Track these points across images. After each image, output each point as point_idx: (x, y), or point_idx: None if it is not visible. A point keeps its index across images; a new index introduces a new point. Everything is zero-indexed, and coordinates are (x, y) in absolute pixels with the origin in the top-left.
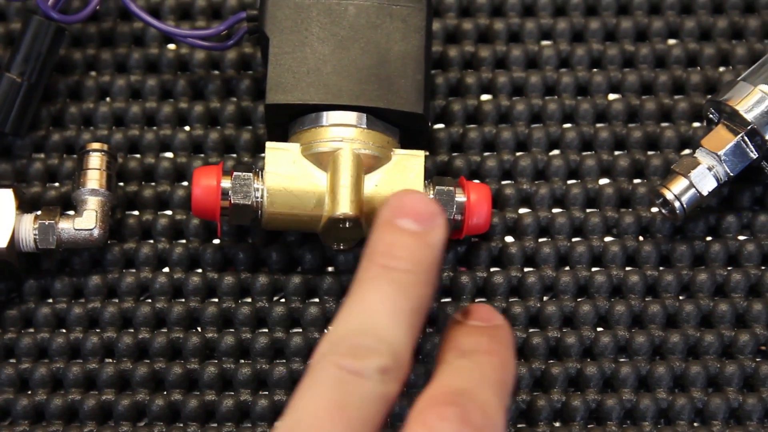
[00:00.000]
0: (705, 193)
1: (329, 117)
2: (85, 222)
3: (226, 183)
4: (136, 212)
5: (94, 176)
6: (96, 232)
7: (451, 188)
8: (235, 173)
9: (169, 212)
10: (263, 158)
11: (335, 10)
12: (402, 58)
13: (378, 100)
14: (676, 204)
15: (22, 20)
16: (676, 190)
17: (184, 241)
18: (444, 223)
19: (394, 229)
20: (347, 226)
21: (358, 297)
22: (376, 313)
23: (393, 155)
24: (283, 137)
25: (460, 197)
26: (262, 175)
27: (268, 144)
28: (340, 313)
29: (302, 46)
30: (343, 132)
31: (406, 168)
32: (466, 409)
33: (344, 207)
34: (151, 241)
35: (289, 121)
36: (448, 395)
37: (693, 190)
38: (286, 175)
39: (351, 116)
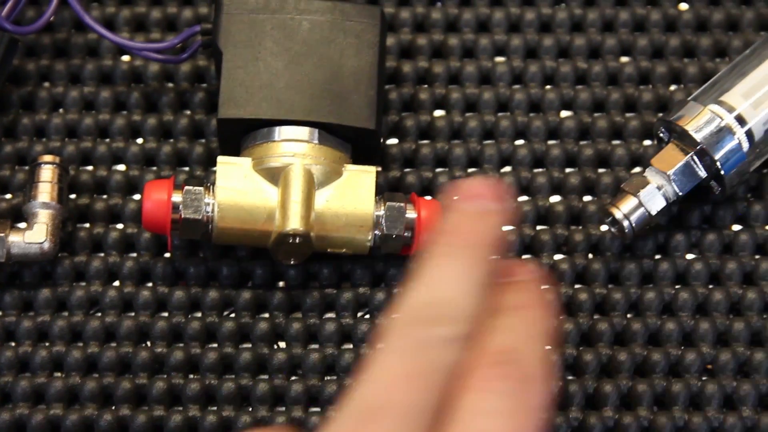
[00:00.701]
0: (654, 212)
1: (281, 132)
2: (35, 235)
3: (177, 197)
4: (87, 225)
5: (46, 189)
6: (46, 246)
7: (402, 204)
8: (186, 187)
9: (120, 225)
10: (215, 172)
11: (289, 25)
12: (355, 73)
13: (330, 115)
14: (625, 223)
15: None
16: (625, 209)
17: (135, 254)
18: (504, 198)
19: (456, 211)
20: (297, 241)
21: (426, 272)
22: (447, 284)
23: (344, 171)
24: (236, 151)
25: (411, 213)
26: (213, 189)
27: (220, 158)
28: (409, 288)
29: (255, 61)
30: (294, 147)
31: (358, 184)
32: (520, 366)
33: (294, 223)
34: (102, 255)
35: (242, 136)
36: (502, 353)
37: (642, 210)
38: (237, 189)
39: (303, 131)
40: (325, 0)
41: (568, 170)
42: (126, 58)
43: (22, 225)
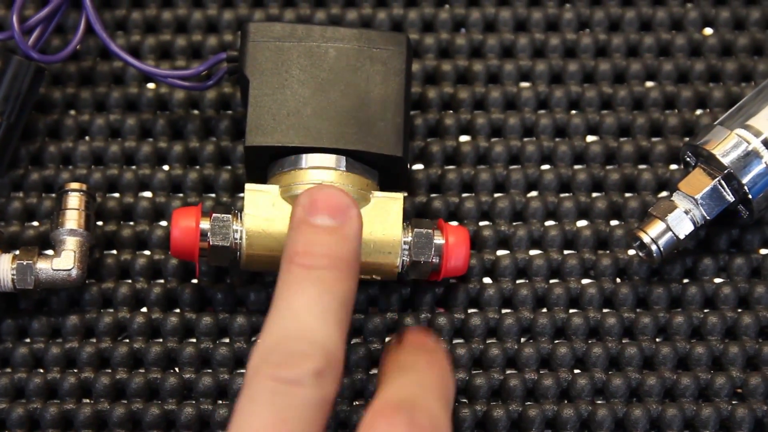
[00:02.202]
0: (682, 236)
1: (308, 159)
2: (63, 262)
3: (205, 224)
4: (114, 252)
5: (73, 216)
6: (74, 273)
7: (430, 231)
8: (214, 215)
9: (147, 252)
10: (242, 198)
11: (315, 52)
12: (382, 100)
13: (357, 142)
14: (653, 247)
15: (2, 60)
16: (653, 233)
17: (162, 281)
18: (357, 214)
19: (309, 227)
20: None
21: (283, 301)
22: (303, 315)
23: (372, 197)
24: (262, 178)
25: (439, 239)
26: (241, 216)
27: (248, 186)
28: (267, 319)
29: (282, 89)
30: (322, 175)
31: (385, 210)
32: (413, 415)
33: None
34: (129, 281)
35: (269, 163)
36: (394, 404)
37: (670, 234)
38: (265, 217)
39: (330, 159)
40: (351, 27)
41: (594, 195)
42: (151, 85)
43: (50, 252)
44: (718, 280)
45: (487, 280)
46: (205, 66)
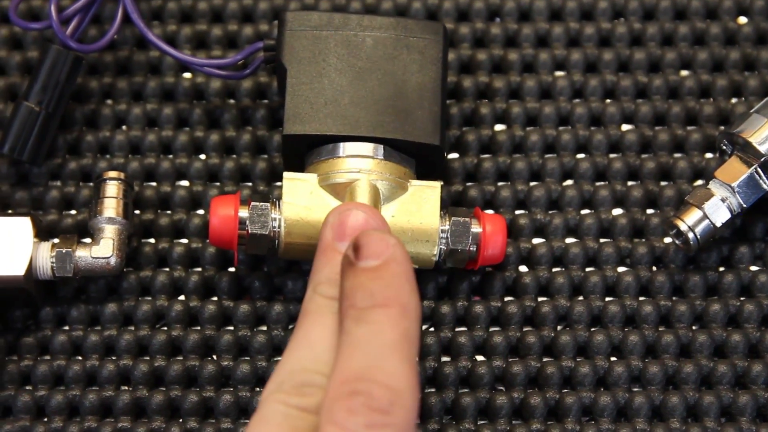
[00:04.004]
0: (719, 224)
1: (346, 148)
2: (102, 250)
3: (243, 212)
4: (152, 240)
5: (111, 204)
6: (113, 261)
7: (467, 219)
8: (252, 203)
9: (184, 240)
10: (279, 187)
11: (353, 41)
12: (419, 89)
13: (395, 131)
14: (690, 235)
15: (41, 49)
16: (690, 221)
17: (199, 269)
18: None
19: (336, 253)
20: None
21: (303, 330)
22: (321, 347)
23: (409, 186)
24: (299, 167)
25: (476, 228)
26: (279, 204)
27: (286, 174)
28: (288, 347)
29: (320, 77)
30: (360, 163)
31: (422, 199)
32: (371, 394)
33: None
34: (167, 269)
35: (306, 151)
36: (351, 383)
37: (707, 222)
38: (304, 205)
39: (368, 147)
40: (387, 16)
41: (630, 183)
42: (188, 75)
43: (88, 240)
44: (754, 268)
45: (523, 268)
46: (242, 55)
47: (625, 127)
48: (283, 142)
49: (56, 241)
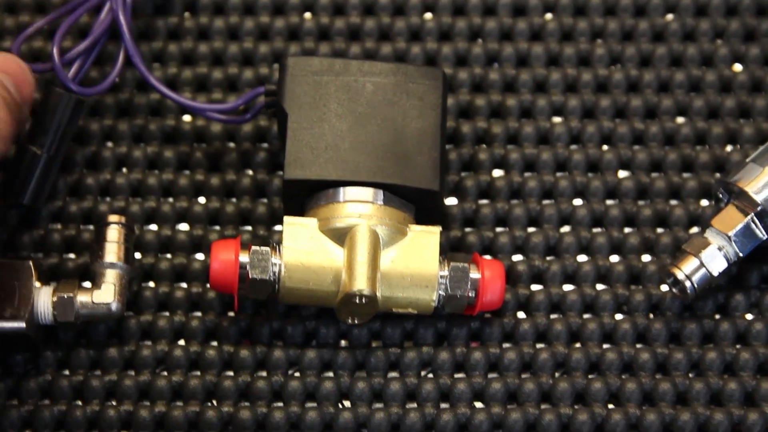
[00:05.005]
0: (716, 273)
1: (346, 193)
2: (103, 296)
3: (244, 257)
4: (152, 284)
5: (113, 249)
6: (114, 306)
7: (465, 265)
8: (253, 248)
9: (185, 284)
10: (279, 231)
11: (353, 86)
12: (418, 134)
13: (395, 176)
14: (687, 284)
15: (43, 92)
16: (687, 270)
17: (200, 313)
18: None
19: None
20: (363, 301)
21: None
22: None
23: (409, 231)
24: (300, 210)
25: (475, 274)
26: (279, 249)
27: (286, 219)
28: None
29: (320, 122)
30: (360, 208)
31: (422, 244)
32: None
33: (361, 284)
34: (168, 314)
35: (307, 196)
36: None
37: (704, 270)
38: (304, 250)
39: (368, 192)
40: (387, 62)
41: (627, 230)
42: (188, 118)
43: (89, 285)
44: (750, 316)
45: (521, 314)
46: (243, 100)
47: (621, 173)
48: (283, 187)
49: (58, 285)
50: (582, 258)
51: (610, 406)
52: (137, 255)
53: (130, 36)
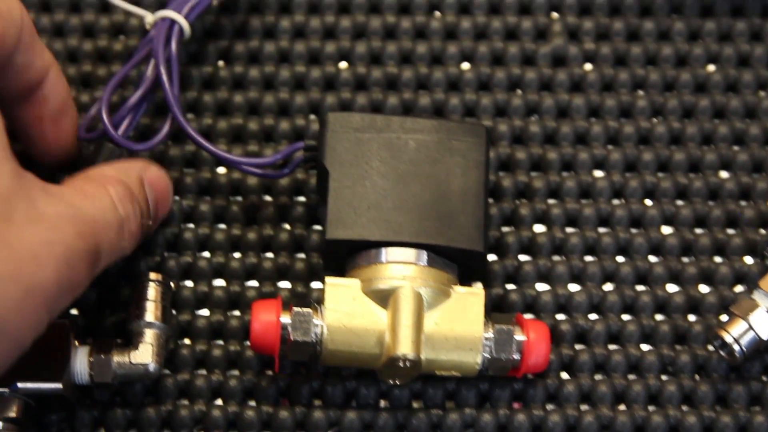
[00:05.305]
0: (765, 336)
1: (390, 253)
2: (141, 356)
3: (285, 318)
4: (189, 341)
5: (150, 308)
6: (152, 367)
7: (510, 327)
8: (294, 309)
9: (221, 342)
10: (318, 288)
11: (395, 144)
12: (462, 193)
13: (439, 237)
14: (735, 347)
15: (95, 147)
16: (735, 333)
17: (237, 372)
18: None
19: None
20: (407, 365)
21: None
22: None
23: (452, 292)
24: (339, 268)
25: (519, 336)
26: (320, 310)
27: (328, 280)
28: None
29: (362, 180)
30: (403, 270)
31: (466, 306)
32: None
33: (405, 347)
34: (205, 372)
35: (347, 254)
36: None
37: (752, 334)
38: (347, 312)
39: (412, 253)
40: (429, 118)
41: (671, 289)
42: (223, 170)
43: (125, 344)
44: None
45: (565, 375)
46: (282, 155)
47: (665, 229)
48: (325, 246)
49: (94, 345)
50: (626, 317)
51: None
52: (173, 311)
53: (172, 95)
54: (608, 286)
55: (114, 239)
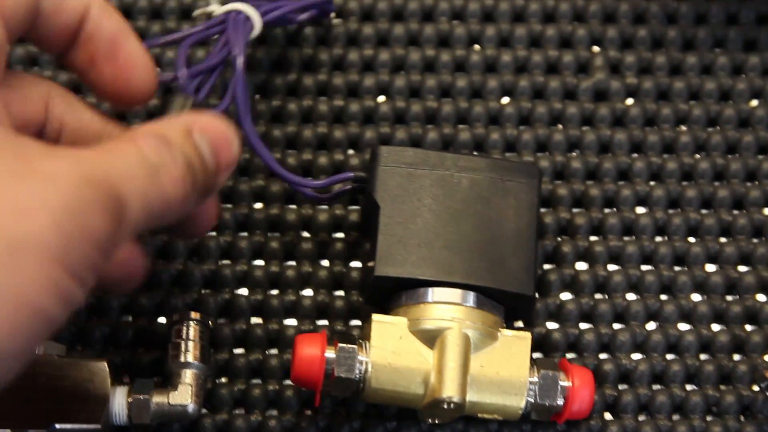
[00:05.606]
0: None
1: (438, 293)
2: (180, 397)
3: (330, 353)
4: (226, 380)
5: (189, 348)
6: (191, 408)
7: (556, 372)
8: (339, 345)
9: (259, 381)
10: (357, 326)
11: (448, 181)
12: (514, 236)
13: (488, 279)
14: None
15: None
16: None
17: (276, 412)
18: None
19: None
20: (451, 407)
21: None
22: None
23: (499, 335)
24: (382, 306)
25: (564, 382)
26: (365, 346)
27: (375, 317)
28: None
29: (413, 217)
30: (451, 311)
31: (513, 350)
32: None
33: (451, 390)
34: (244, 412)
35: (393, 291)
36: None
37: None
38: (392, 350)
39: (460, 294)
40: (483, 157)
41: (715, 327)
42: (260, 205)
43: (163, 384)
44: None
45: (608, 416)
46: (329, 181)
47: (709, 267)
48: (373, 282)
49: (132, 386)
50: (670, 356)
51: None
52: (211, 350)
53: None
54: (651, 325)
55: (144, 185)
